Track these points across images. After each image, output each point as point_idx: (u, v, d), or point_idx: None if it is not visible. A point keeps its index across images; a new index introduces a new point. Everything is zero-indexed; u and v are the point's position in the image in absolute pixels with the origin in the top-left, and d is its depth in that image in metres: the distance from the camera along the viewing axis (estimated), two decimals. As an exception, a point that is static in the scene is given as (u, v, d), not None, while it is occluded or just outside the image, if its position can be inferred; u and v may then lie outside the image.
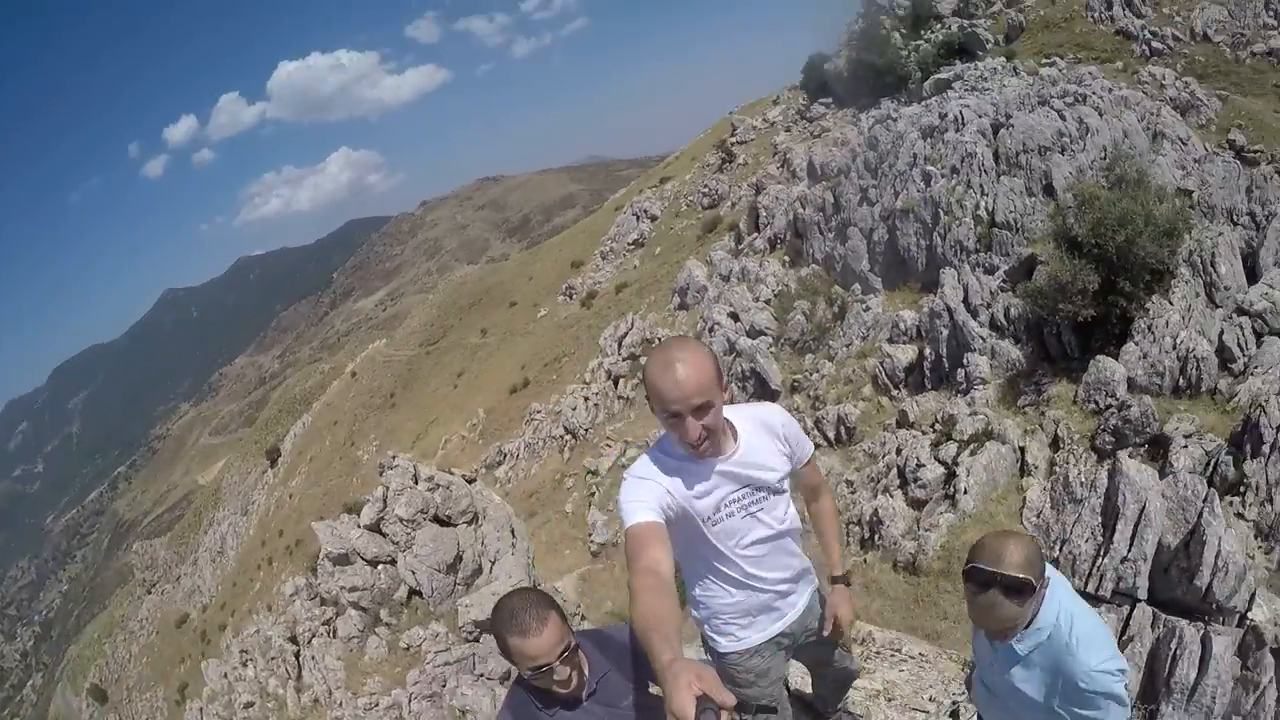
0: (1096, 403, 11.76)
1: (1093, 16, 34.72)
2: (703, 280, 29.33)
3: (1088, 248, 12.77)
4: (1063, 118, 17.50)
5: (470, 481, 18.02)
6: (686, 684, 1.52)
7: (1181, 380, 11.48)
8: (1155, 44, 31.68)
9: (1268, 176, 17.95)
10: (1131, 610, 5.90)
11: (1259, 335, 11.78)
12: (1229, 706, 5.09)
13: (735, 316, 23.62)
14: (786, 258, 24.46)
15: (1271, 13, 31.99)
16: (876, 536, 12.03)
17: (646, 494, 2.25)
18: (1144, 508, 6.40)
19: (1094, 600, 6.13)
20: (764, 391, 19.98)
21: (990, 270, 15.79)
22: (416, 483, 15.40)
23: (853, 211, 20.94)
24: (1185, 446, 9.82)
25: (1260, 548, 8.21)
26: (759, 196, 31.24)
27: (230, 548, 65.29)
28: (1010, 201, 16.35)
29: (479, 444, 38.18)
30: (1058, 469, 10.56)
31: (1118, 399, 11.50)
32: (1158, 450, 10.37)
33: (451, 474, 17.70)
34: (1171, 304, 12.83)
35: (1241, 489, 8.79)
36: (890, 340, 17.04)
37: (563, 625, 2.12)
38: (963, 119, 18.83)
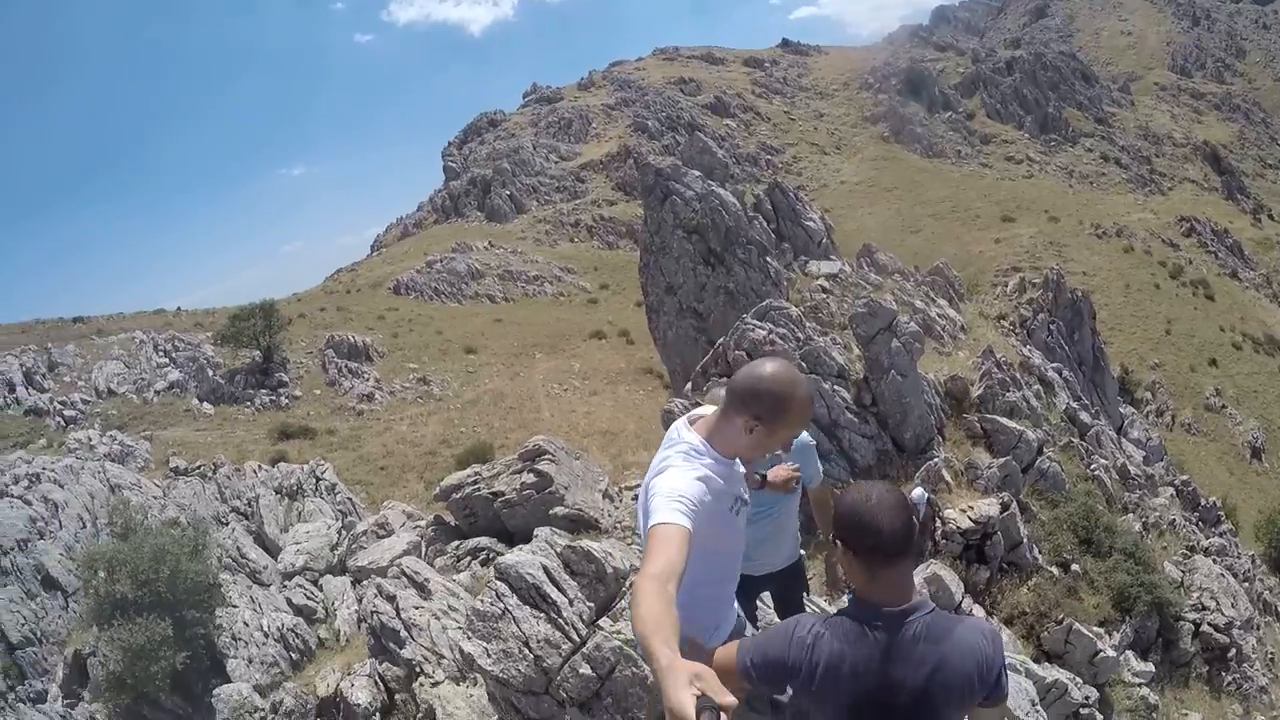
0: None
1: (-5, 404, 32.37)
2: None
3: (140, 601, 11.85)
4: (28, 503, 15.80)
5: None
6: (686, 684, 1.57)
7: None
8: (69, 412, 31.70)
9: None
10: None
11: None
12: None
13: None
14: None
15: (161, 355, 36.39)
16: None
17: (690, 492, 2.26)
18: None
19: None
20: None
21: (40, 698, 12.82)
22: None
23: None
24: None
25: None
26: None
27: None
28: (15, 615, 13.70)
29: None
30: None
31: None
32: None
33: None
34: (237, 605, 12.91)
35: None
36: None
37: None
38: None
